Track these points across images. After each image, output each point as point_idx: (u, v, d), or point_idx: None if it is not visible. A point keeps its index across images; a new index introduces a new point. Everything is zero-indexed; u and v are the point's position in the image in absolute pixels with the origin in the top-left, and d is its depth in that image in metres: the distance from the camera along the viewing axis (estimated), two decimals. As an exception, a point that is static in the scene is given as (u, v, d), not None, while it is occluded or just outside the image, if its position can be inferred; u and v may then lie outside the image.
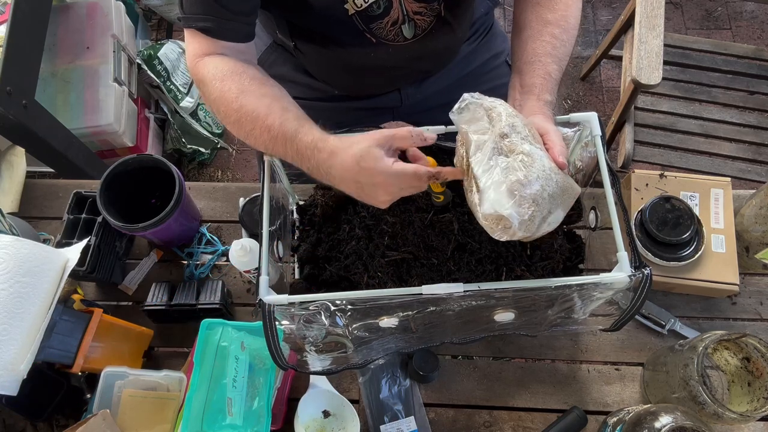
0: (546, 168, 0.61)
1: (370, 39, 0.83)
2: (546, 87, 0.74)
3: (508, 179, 0.59)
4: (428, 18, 0.83)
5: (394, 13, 0.80)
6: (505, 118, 0.63)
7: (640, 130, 1.52)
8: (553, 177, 0.61)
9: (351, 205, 0.82)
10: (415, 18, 0.82)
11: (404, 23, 0.82)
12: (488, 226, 0.62)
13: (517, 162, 0.60)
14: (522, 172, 0.59)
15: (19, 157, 1.16)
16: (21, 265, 0.74)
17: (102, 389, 0.83)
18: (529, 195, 0.59)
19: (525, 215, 0.59)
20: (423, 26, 0.84)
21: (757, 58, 1.59)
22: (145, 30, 2.13)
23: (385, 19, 0.80)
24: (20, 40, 1.34)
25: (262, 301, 0.65)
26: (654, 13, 1.32)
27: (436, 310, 0.68)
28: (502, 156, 0.61)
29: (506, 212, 0.59)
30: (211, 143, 2.02)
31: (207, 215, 1.08)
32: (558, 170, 0.63)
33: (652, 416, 0.70)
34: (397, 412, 0.88)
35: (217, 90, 0.73)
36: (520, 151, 0.61)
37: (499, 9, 2.28)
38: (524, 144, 0.62)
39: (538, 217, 0.60)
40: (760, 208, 0.91)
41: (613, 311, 0.73)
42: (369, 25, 0.81)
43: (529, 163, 0.60)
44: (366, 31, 0.82)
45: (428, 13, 0.82)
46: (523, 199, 0.59)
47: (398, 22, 0.82)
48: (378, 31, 0.82)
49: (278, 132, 0.68)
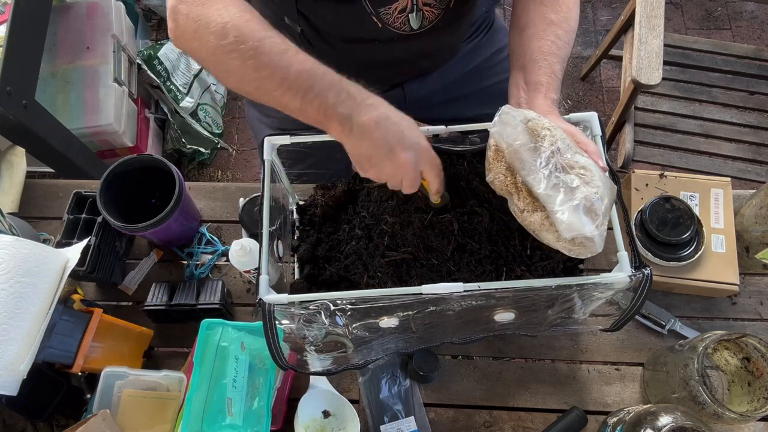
0: (601, 176, 0.61)
1: (376, 23, 0.83)
2: (552, 86, 0.74)
3: (579, 198, 0.59)
4: (437, 10, 0.83)
5: (403, 1, 0.80)
6: (554, 132, 0.63)
7: (640, 130, 1.52)
8: (607, 183, 0.61)
9: (351, 205, 0.83)
10: (424, 9, 0.82)
11: (412, 12, 0.82)
12: (566, 247, 0.62)
13: (579, 177, 0.60)
14: (591, 189, 0.59)
15: (19, 157, 1.16)
16: (21, 265, 0.74)
17: (102, 389, 0.83)
18: (602, 210, 0.59)
19: (603, 231, 0.60)
20: (430, 18, 0.84)
21: (757, 58, 1.59)
22: (145, 30, 2.13)
23: (394, 5, 0.80)
24: (20, 40, 1.34)
25: (262, 300, 0.65)
26: (654, 13, 1.32)
27: (436, 310, 0.68)
28: (562, 173, 0.61)
29: (590, 234, 0.59)
30: (211, 143, 2.02)
31: (207, 215, 1.08)
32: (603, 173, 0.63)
33: (652, 416, 0.70)
34: (397, 412, 0.88)
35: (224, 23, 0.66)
36: (579, 165, 0.61)
37: (498, 8, 2.28)
38: (576, 156, 0.62)
39: (606, 227, 0.61)
40: (760, 208, 0.91)
41: (613, 311, 0.73)
42: (377, 9, 0.80)
43: (590, 177, 0.60)
44: (373, 14, 0.81)
45: (437, 5, 0.82)
46: (597, 216, 0.59)
47: (406, 10, 0.82)
48: (385, 17, 0.82)
49: (302, 69, 0.66)
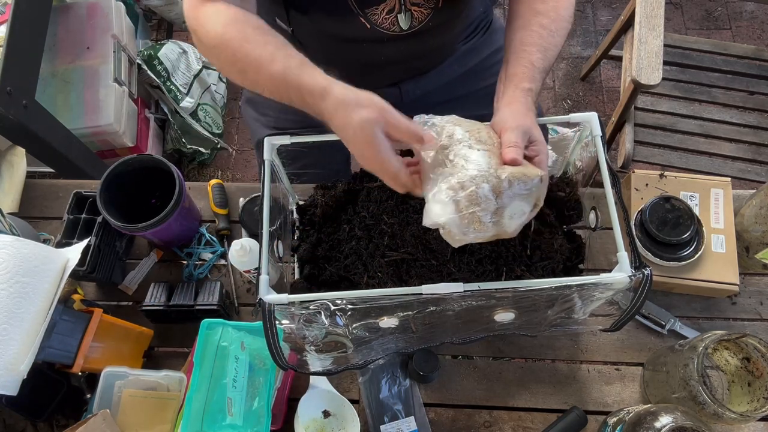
0: (484, 166, 0.61)
1: (365, 24, 0.82)
2: (527, 75, 0.74)
3: (440, 187, 0.60)
4: (426, 10, 0.82)
5: (391, 1, 0.80)
6: (446, 131, 0.65)
7: (640, 130, 1.52)
8: (494, 172, 0.60)
9: (351, 205, 0.82)
10: (413, 9, 0.82)
11: (400, 12, 0.82)
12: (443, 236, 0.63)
13: (451, 168, 0.61)
14: (454, 178, 0.60)
15: (19, 157, 1.16)
16: (21, 265, 0.74)
17: (102, 389, 0.83)
18: (464, 196, 0.59)
19: (465, 218, 0.59)
20: (420, 18, 0.83)
21: (757, 58, 1.59)
22: (145, 30, 2.13)
23: (381, 6, 0.80)
24: (20, 40, 1.34)
25: (263, 300, 0.65)
26: (654, 13, 1.32)
27: (436, 310, 0.68)
28: (440, 167, 0.63)
29: (442, 220, 0.60)
30: (211, 143, 2.02)
31: (207, 215, 1.08)
32: (508, 165, 0.62)
33: (652, 416, 0.70)
34: (397, 412, 0.88)
35: (218, 37, 0.72)
36: (458, 157, 0.62)
37: (498, 9, 2.27)
38: (462, 149, 0.63)
39: (487, 215, 0.60)
40: (760, 208, 0.91)
41: (613, 311, 0.73)
42: (364, 10, 0.80)
43: (463, 165, 0.61)
44: (360, 15, 0.81)
45: (426, 5, 0.82)
46: (457, 203, 0.59)
47: (394, 11, 0.81)
48: (373, 17, 0.81)
49: (281, 80, 0.68)
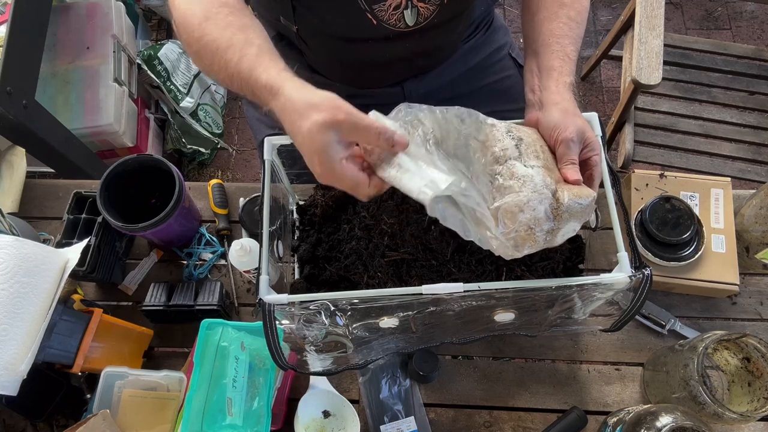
0: (540, 184, 0.61)
1: (371, 20, 0.82)
2: (566, 69, 0.74)
3: (496, 207, 0.60)
4: (432, 6, 0.83)
5: None
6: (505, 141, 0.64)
7: (640, 130, 1.52)
8: (551, 194, 0.61)
9: (351, 205, 0.82)
10: (419, 5, 0.82)
11: (407, 8, 0.81)
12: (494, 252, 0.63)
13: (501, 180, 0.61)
14: (510, 198, 0.60)
15: (19, 157, 1.16)
16: (21, 265, 0.74)
17: (102, 389, 0.83)
18: (523, 222, 0.60)
19: (522, 238, 0.60)
20: (426, 14, 0.84)
21: (757, 58, 1.59)
22: (145, 30, 2.13)
23: (388, 2, 0.80)
24: (20, 40, 1.33)
25: (263, 300, 0.65)
26: (654, 13, 1.32)
27: (436, 311, 0.68)
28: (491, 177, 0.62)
29: (495, 244, 0.61)
30: (211, 143, 2.02)
31: (207, 215, 1.08)
32: (566, 184, 0.63)
33: (652, 416, 0.70)
34: (397, 412, 0.88)
35: (182, 13, 0.66)
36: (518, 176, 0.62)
37: (498, 8, 2.27)
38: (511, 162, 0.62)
39: (543, 233, 0.61)
40: (760, 208, 0.91)
41: (613, 311, 0.73)
42: (371, 5, 0.80)
43: (517, 184, 0.61)
44: (368, 11, 0.81)
45: (432, 1, 0.82)
46: (515, 228, 0.60)
47: (401, 7, 0.81)
48: (380, 13, 0.81)
49: (234, 70, 0.62)
